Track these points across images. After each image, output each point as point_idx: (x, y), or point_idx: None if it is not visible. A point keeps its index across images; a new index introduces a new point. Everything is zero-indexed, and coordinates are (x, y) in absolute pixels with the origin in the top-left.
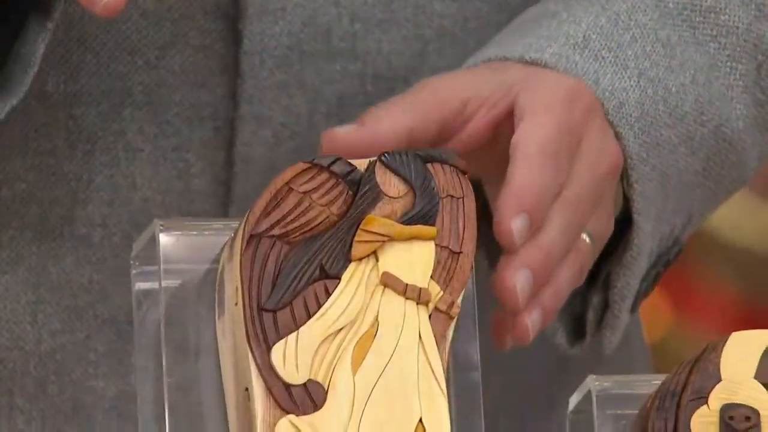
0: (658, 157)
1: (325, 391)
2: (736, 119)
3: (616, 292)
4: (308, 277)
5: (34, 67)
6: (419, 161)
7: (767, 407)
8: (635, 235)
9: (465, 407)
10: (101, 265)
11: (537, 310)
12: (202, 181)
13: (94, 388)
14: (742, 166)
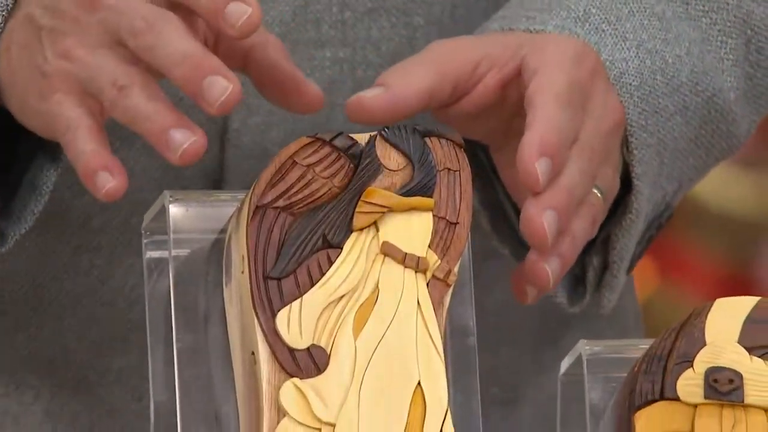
0: (655, 124)
1: (328, 356)
2: (727, 90)
3: (615, 254)
4: (311, 246)
5: (44, 197)
6: (418, 136)
7: (750, 370)
8: (635, 199)
9: (461, 371)
10: (100, 250)
11: (556, 258)
12: (195, 168)
13: (98, 365)
14: (732, 137)
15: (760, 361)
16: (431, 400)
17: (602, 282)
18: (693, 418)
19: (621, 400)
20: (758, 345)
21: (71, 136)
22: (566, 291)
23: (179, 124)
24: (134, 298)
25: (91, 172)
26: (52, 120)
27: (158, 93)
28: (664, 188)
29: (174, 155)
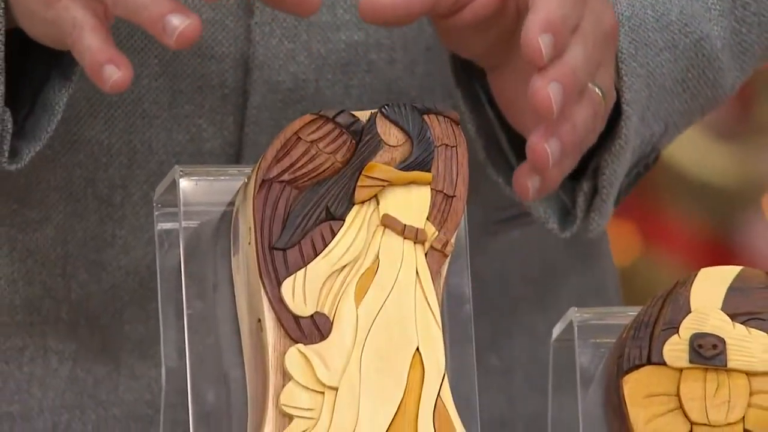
0: (645, 56)
1: (331, 323)
2: (714, 38)
3: (605, 179)
4: (315, 218)
5: (57, 116)
6: (416, 113)
7: (732, 336)
8: (624, 124)
9: (458, 337)
10: (122, 222)
11: (555, 140)
12: (213, 144)
13: (120, 332)
14: (717, 86)
15: (742, 328)
16: (429, 364)
17: (591, 206)
18: (678, 382)
19: (610, 365)
20: (740, 312)
21: (78, 34)
22: (557, 216)
23: (175, 10)
24: (155, 268)
25: (98, 66)
26: (59, 23)
27: None
28: (651, 127)
29: (170, 39)
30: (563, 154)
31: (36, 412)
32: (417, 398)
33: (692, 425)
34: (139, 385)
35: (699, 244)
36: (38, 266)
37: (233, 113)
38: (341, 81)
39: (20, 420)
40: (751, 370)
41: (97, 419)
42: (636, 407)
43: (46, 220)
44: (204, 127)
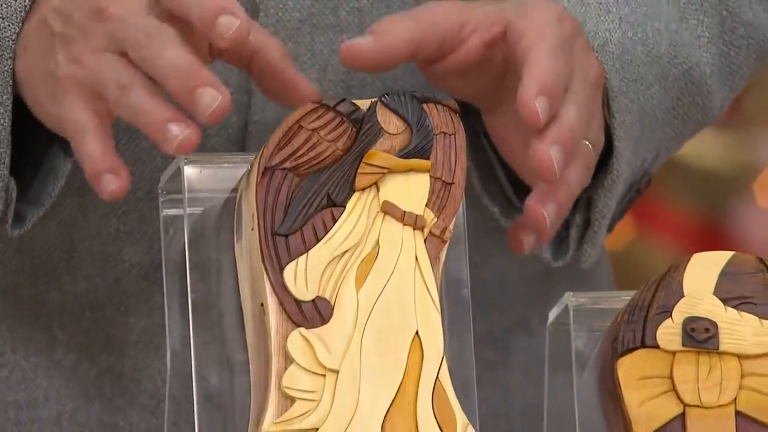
0: (636, 92)
1: (332, 307)
2: (704, 65)
3: (597, 212)
4: (316, 205)
5: (61, 181)
6: (416, 102)
7: (724, 320)
8: (616, 161)
9: (456, 320)
10: (127, 217)
11: (552, 203)
12: (218, 141)
13: (124, 324)
14: (707, 110)
15: (734, 311)
16: (428, 347)
17: (584, 238)
18: (672, 365)
19: (604, 348)
20: (732, 296)
21: (80, 139)
22: (551, 247)
23: (175, 118)
24: (159, 261)
25: (97, 174)
26: (63, 122)
27: (157, 90)
28: (643, 155)
29: (170, 147)
30: (559, 213)
31: (41, 401)
32: (416, 381)
33: (685, 407)
34: (142, 376)
35: (691, 229)
36: (44, 259)
37: (237, 112)
38: (343, 81)
39: (26, 408)
40: (742, 353)
41: (101, 409)
42: (630, 389)
43: (51, 214)
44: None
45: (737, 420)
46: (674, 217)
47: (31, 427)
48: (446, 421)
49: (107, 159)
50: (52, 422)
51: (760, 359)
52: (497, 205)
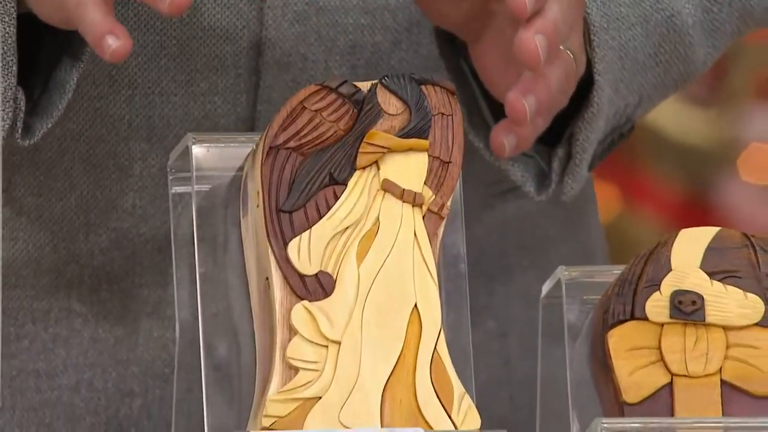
0: (617, 30)
1: (334, 281)
2: (686, 15)
3: (578, 145)
4: (319, 183)
5: (68, 94)
6: (414, 84)
7: (710, 293)
8: (596, 94)
9: (453, 293)
10: (142, 192)
11: (532, 97)
12: (228, 121)
13: (139, 296)
14: (689, 62)
15: (719, 285)
16: (426, 320)
17: (566, 171)
18: (660, 336)
19: (596, 320)
20: (718, 270)
21: (81, 11)
22: (534, 181)
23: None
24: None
25: (99, 37)
26: (64, 3)
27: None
28: (626, 98)
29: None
30: (538, 110)
31: (60, 369)
32: (415, 352)
33: (673, 376)
34: (156, 345)
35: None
36: (63, 233)
37: (246, 92)
38: (348, 62)
39: (45, 377)
40: (727, 325)
41: (117, 377)
42: (620, 360)
43: (70, 190)
44: (219, 104)
45: (722, 389)
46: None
47: (51, 395)
48: (444, 391)
49: (107, 23)
50: (70, 390)
51: (745, 331)
52: (482, 141)
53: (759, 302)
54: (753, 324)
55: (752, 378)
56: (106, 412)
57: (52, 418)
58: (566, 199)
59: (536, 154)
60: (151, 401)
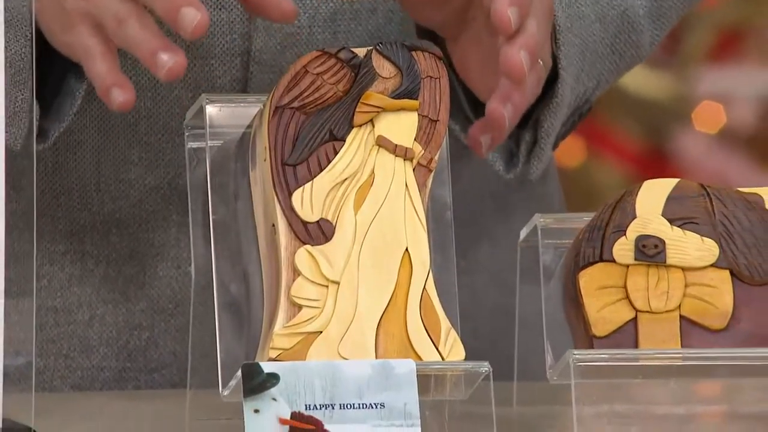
0: (579, 28)
1: (334, 227)
2: (637, 7)
3: (543, 131)
4: (320, 139)
5: (78, 101)
6: (405, 49)
7: (671, 237)
8: (560, 86)
9: (440, 238)
10: (148, 146)
11: (510, 105)
12: (224, 81)
13: (145, 239)
14: (639, 47)
15: (679, 230)
16: (416, 262)
17: (532, 153)
18: (625, 276)
19: (568, 262)
20: (678, 217)
21: (89, 62)
22: (503, 161)
23: (164, 47)
24: (174, 185)
25: (106, 89)
26: (74, 48)
27: (150, 23)
28: (585, 84)
29: (161, 72)
30: (515, 115)
31: (75, 306)
32: (406, 291)
33: (637, 312)
34: (161, 283)
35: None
36: (77, 183)
37: (240, 55)
38: (330, 28)
39: (62, 312)
40: (686, 266)
41: (127, 312)
42: (590, 297)
43: (83, 144)
44: (216, 66)
45: (681, 323)
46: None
47: (67, 329)
48: (432, 325)
49: (113, 76)
50: (84, 324)
51: (701, 271)
52: (458, 123)
53: (714, 246)
54: (709, 265)
55: (708, 314)
56: (116, 343)
57: (69, 349)
58: (532, 178)
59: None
60: (157, 333)
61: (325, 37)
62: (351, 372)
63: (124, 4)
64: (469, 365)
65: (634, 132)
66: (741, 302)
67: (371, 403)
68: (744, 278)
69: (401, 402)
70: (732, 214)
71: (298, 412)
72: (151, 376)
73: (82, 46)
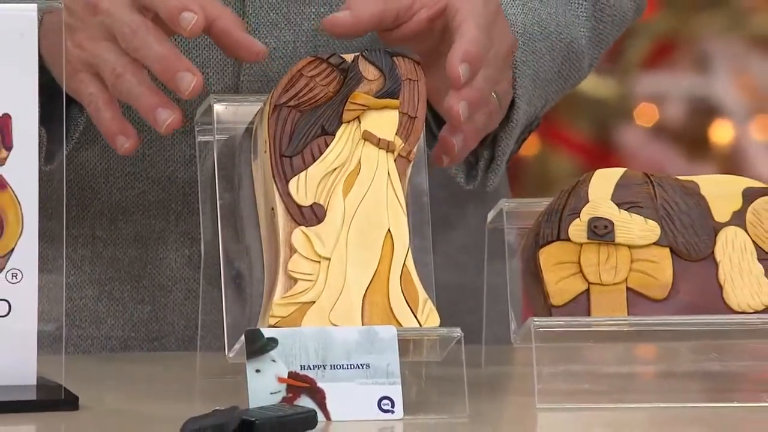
0: (532, 61)
1: (325, 210)
2: (581, 38)
3: (500, 149)
4: (313, 134)
5: (80, 127)
6: (388, 56)
7: (619, 219)
8: (515, 112)
9: (418, 221)
10: (151, 144)
11: (460, 135)
12: (217, 88)
13: (148, 225)
14: (581, 71)
15: (626, 213)
16: (398, 242)
17: (489, 168)
18: (579, 253)
19: (529, 242)
20: (625, 201)
21: (93, 108)
22: (464, 174)
23: (162, 104)
24: (174, 179)
25: (112, 135)
26: (78, 94)
27: (145, 79)
28: (536, 105)
29: (160, 128)
30: (466, 144)
31: (86, 283)
32: (388, 266)
33: (589, 284)
34: (161, 264)
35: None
36: (88, 175)
37: (232, 65)
38: (311, 42)
39: (75, 288)
40: (632, 244)
41: (131, 288)
42: (549, 272)
43: (94, 141)
44: (210, 74)
45: (628, 294)
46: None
47: (79, 303)
48: (411, 297)
49: (117, 124)
50: (94, 299)
51: (645, 249)
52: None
53: (656, 226)
54: (651, 243)
55: (651, 286)
56: (123, 316)
57: (81, 321)
58: (489, 190)
59: None
60: (158, 308)
61: (307, 50)
62: (340, 337)
63: (120, 57)
64: (443, 331)
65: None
66: (679, 276)
67: (358, 364)
68: (682, 255)
69: (384, 363)
70: (672, 199)
71: (294, 371)
72: (152, 344)
73: (86, 93)
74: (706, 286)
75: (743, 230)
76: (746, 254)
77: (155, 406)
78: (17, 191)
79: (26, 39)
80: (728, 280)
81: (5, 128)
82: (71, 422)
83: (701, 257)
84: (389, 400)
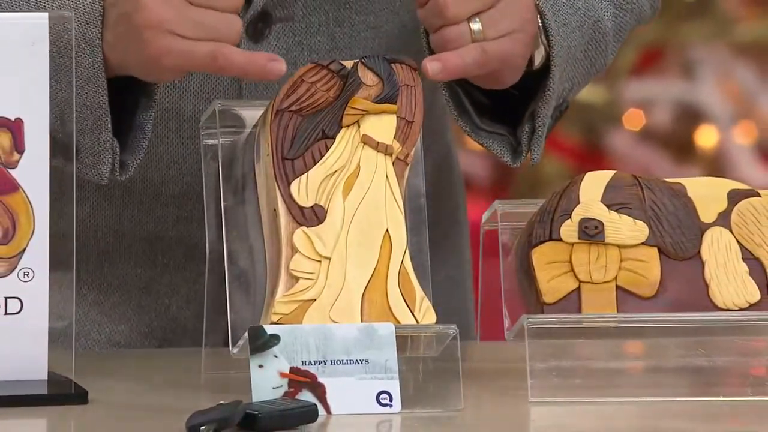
0: (564, 33)
1: (326, 211)
2: (605, 20)
3: (539, 121)
4: (314, 137)
5: (148, 134)
6: (386, 62)
7: (609, 220)
8: (551, 80)
9: (415, 221)
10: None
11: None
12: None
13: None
14: (605, 55)
15: (615, 214)
16: (395, 241)
17: (532, 142)
18: (571, 253)
19: (522, 242)
20: (614, 203)
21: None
22: (509, 153)
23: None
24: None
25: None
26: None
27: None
28: (565, 83)
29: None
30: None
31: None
32: (387, 265)
33: (580, 283)
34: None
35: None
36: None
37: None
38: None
39: None
40: (621, 244)
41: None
42: (541, 271)
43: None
44: (213, 81)
45: (617, 292)
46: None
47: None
48: (408, 295)
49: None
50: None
51: (634, 248)
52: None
53: (645, 227)
54: (640, 243)
55: (640, 284)
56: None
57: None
58: (534, 163)
59: (509, 134)
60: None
61: (303, 61)
62: (340, 333)
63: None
64: (439, 328)
65: (574, 132)
66: (667, 274)
67: (357, 360)
68: (669, 254)
69: (383, 359)
70: (660, 200)
71: (295, 367)
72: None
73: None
74: (692, 285)
75: (728, 231)
76: (731, 254)
77: (162, 400)
78: (29, 193)
79: (38, 46)
80: (714, 278)
81: (18, 132)
82: (81, 415)
83: (688, 256)
84: (387, 395)
